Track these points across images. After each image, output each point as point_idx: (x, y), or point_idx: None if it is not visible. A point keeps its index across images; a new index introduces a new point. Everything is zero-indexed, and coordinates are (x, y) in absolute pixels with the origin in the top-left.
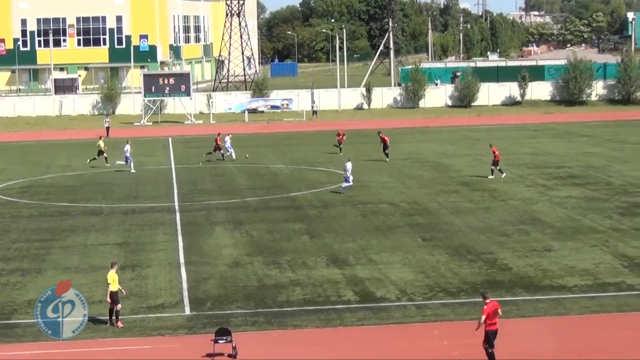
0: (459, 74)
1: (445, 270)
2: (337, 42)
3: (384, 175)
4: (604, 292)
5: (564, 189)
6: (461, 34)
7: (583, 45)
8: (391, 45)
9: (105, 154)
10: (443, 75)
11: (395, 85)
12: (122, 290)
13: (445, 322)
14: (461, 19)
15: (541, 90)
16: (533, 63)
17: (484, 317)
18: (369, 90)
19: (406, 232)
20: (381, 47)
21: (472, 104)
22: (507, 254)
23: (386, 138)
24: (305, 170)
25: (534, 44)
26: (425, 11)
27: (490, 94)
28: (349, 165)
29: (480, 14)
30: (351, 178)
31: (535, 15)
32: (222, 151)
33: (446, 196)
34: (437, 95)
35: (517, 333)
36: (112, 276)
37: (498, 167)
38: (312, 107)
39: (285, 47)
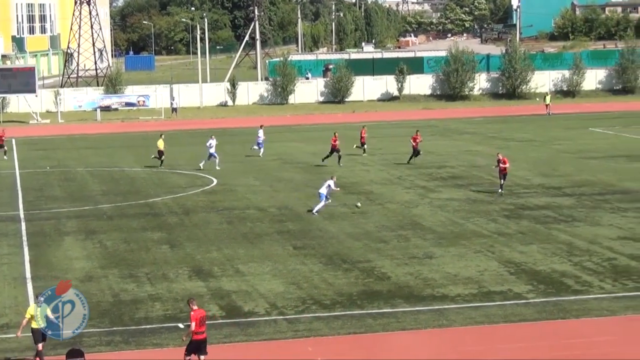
0: (331, 67)
1: (318, 281)
2: (198, 32)
3: (251, 178)
4: (489, 302)
5: (446, 191)
6: (333, 24)
7: (464, 35)
8: (257, 36)
9: (164, 156)
10: (314, 68)
11: (262, 80)
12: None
13: (320, 337)
14: (333, 7)
15: (420, 84)
16: (411, 55)
17: (193, 324)
18: (233, 85)
19: (276, 240)
20: (246, 38)
21: (346, 99)
22: (385, 262)
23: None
24: (165, 174)
25: (412, 34)
26: None
27: (366, 88)
28: (331, 182)
29: (354, 1)
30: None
31: (413, 3)
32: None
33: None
34: (308, 91)
35: (397, 347)
36: (32, 311)
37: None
38: (172, 104)
39: (140, 39)
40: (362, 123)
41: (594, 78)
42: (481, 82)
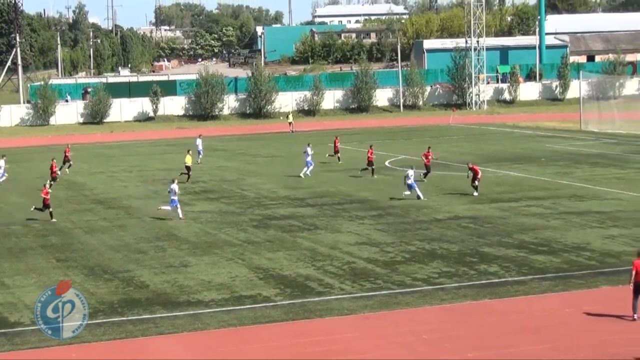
0: (90, 90)
1: (81, 291)
2: None
3: (16, 195)
4: (241, 305)
5: (199, 204)
6: (92, 49)
7: (214, 59)
8: (19, 61)
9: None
10: (74, 91)
11: (24, 103)
12: None
13: (83, 344)
14: (91, 33)
15: (174, 105)
16: (165, 78)
17: None
18: None
19: (40, 254)
20: (9, 63)
21: (105, 120)
22: (143, 272)
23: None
24: None
25: (166, 59)
26: (54, 26)
27: (123, 109)
28: (410, 172)
29: (110, 28)
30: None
31: (166, 30)
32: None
33: (80, 215)
34: (68, 112)
35: (155, 351)
36: None
37: (476, 184)
38: None
39: None
40: (117, 142)
41: (332, 98)
42: (230, 102)
